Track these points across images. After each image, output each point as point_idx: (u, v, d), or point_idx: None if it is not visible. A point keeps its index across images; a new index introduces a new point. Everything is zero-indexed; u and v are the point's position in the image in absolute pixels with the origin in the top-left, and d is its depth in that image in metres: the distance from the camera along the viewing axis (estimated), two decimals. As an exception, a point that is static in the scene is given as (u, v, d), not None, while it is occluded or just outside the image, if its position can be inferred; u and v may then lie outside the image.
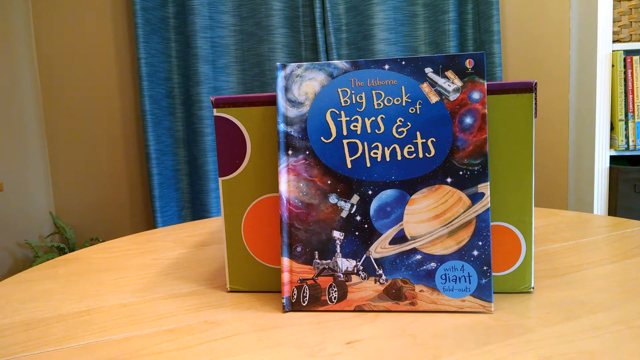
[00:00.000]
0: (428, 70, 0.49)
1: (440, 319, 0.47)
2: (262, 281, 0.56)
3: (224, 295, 0.56)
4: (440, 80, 0.49)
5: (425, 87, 0.49)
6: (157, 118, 1.66)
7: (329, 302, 0.51)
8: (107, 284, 0.63)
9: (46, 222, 1.73)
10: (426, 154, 0.49)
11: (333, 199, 0.51)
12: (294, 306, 0.51)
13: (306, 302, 0.51)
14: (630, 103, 1.48)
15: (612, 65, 1.49)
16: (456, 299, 0.48)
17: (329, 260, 0.51)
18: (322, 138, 0.51)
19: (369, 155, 0.50)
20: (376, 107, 0.50)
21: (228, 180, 0.55)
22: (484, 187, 0.47)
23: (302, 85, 0.51)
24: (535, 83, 0.49)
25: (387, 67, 0.50)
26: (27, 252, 1.63)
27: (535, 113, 0.49)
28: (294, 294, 0.51)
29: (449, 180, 0.48)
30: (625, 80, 1.48)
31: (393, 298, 0.49)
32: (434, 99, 0.49)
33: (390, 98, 0.50)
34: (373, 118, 0.50)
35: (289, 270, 0.51)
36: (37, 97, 1.71)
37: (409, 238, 0.49)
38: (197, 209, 1.71)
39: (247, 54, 1.69)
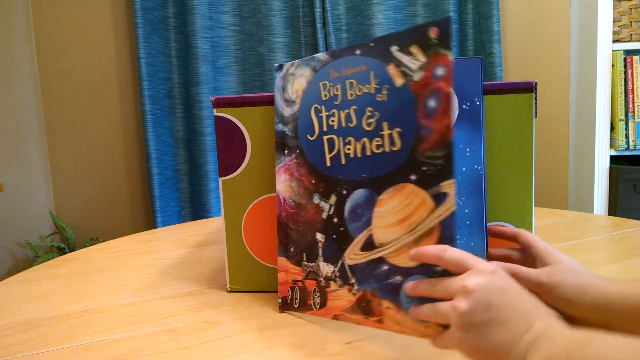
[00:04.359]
0: (394, 48, 0.42)
1: (440, 319, 0.47)
2: (262, 281, 0.56)
3: (224, 295, 0.56)
4: (405, 59, 0.41)
5: (391, 68, 0.42)
6: (157, 118, 1.66)
7: (313, 307, 0.48)
8: (107, 284, 0.63)
9: (46, 222, 1.73)
10: (392, 147, 0.42)
11: (316, 199, 0.48)
12: (288, 307, 0.50)
13: (297, 304, 0.50)
14: (631, 103, 1.48)
15: (612, 65, 1.49)
16: (420, 323, 0.39)
17: (314, 263, 0.48)
18: (308, 136, 0.49)
19: (344, 152, 0.46)
20: (349, 98, 0.45)
21: (228, 180, 0.55)
22: (448, 186, 0.38)
23: (294, 84, 0.51)
24: (535, 83, 0.49)
25: (358, 52, 0.45)
26: (27, 252, 1.63)
27: (535, 113, 0.49)
28: (289, 294, 0.50)
29: (412, 177, 0.41)
30: (626, 80, 1.48)
31: (363, 312, 0.44)
32: (399, 81, 0.42)
33: (360, 87, 0.44)
34: (347, 110, 0.45)
35: (285, 270, 0.51)
36: (37, 97, 1.71)
37: (377, 245, 0.43)
38: (197, 209, 1.71)
39: (247, 54, 1.69)
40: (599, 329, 0.42)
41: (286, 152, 0.51)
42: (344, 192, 0.45)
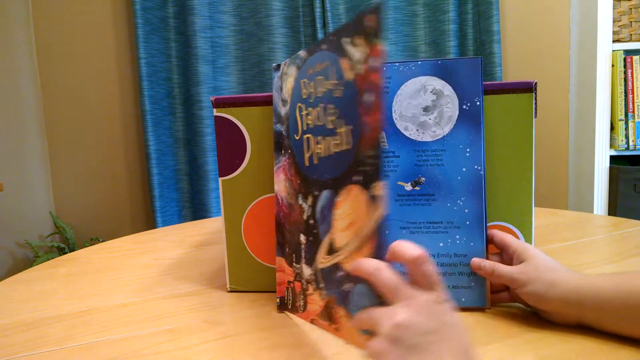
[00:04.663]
0: (345, 40, 0.39)
1: (440, 319, 0.47)
2: (262, 281, 0.56)
3: (224, 295, 0.56)
4: (352, 51, 0.39)
5: (344, 62, 0.40)
6: (157, 118, 1.66)
7: (299, 309, 0.47)
8: (107, 284, 0.63)
9: (46, 222, 1.73)
10: (346, 146, 0.39)
11: (300, 199, 0.47)
12: (285, 307, 0.50)
13: (290, 305, 0.49)
14: (630, 103, 1.48)
15: (612, 65, 1.49)
16: (364, 336, 0.35)
17: (299, 265, 0.47)
18: (295, 135, 0.48)
19: (316, 151, 0.44)
20: (318, 95, 0.43)
21: (228, 180, 0.55)
22: (379, 189, 0.35)
23: (286, 83, 0.50)
24: (535, 83, 0.49)
25: (324, 47, 0.43)
26: (27, 252, 1.63)
27: (535, 113, 0.49)
28: (286, 294, 0.50)
29: (356, 178, 0.38)
30: (625, 80, 1.48)
31: (328, 319, 0.41)
32: (349, 75, 0.39)
33: (325, 83, 0.42)
34: (318, 108, 0.43)
35: (283, 270, 0.50)
36: (37, 97, 1.71)
37: (335, 249, 0.41)
38: (197, 209, 1.71)
39: (247, 54, 1.69)
40: (572, 323, 0.42)
41: (282, 152, 0.50)
42: (316, 193, 0.44)
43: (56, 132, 1.74)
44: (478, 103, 0.48)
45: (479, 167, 0.48)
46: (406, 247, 0.33)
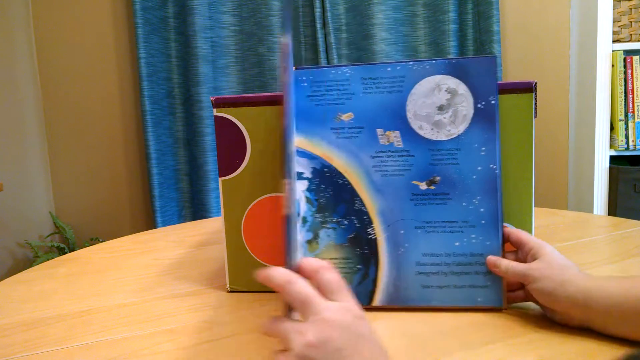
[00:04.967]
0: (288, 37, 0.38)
1: (441, 318, 0.47)
2: (262, 281, 0.56)
3: (224, 295, 0.56)
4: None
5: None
6: (157, 118, 1.66)
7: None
8: (107, 284, 0.63)
9: (46, 222, 1.73)
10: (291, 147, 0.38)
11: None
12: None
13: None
14: (630, 103, 1.48)
15: (612, 65, 1.48)
16: None
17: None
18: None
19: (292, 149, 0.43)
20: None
21: (228, 180, 0.55)
22: (283, 187, 0.34)
23: None
24: (535, 83, 0.49)
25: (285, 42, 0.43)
26: (27, 252, 1.63)
27: (535, 113, 0.49)
28: None
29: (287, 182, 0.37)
30: (625, 80, 1.47)
31: None
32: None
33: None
34: None
35: None
36: (37, 97, 1.71)
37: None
38: (197, 209, 1.71)
39: (247, 54, 1.69)
40: (577, 325, 0.42)
41: None
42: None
43: (56, 132, 1.74)
44: (493, 102, 0.48)
45: (494, 166, 0.48)
46: (308, 261, 0.34)
